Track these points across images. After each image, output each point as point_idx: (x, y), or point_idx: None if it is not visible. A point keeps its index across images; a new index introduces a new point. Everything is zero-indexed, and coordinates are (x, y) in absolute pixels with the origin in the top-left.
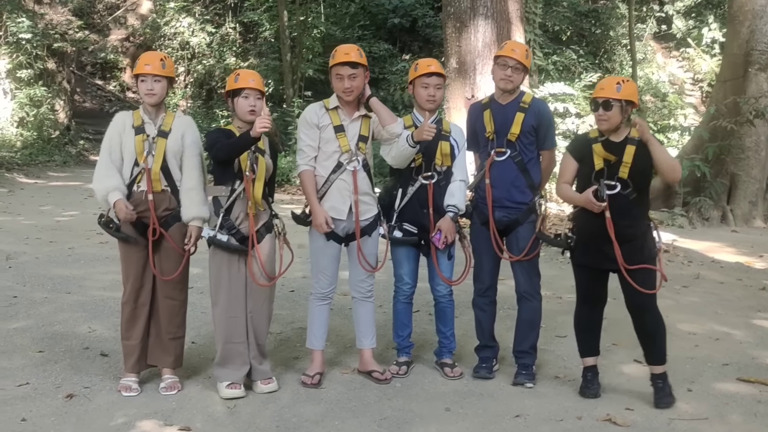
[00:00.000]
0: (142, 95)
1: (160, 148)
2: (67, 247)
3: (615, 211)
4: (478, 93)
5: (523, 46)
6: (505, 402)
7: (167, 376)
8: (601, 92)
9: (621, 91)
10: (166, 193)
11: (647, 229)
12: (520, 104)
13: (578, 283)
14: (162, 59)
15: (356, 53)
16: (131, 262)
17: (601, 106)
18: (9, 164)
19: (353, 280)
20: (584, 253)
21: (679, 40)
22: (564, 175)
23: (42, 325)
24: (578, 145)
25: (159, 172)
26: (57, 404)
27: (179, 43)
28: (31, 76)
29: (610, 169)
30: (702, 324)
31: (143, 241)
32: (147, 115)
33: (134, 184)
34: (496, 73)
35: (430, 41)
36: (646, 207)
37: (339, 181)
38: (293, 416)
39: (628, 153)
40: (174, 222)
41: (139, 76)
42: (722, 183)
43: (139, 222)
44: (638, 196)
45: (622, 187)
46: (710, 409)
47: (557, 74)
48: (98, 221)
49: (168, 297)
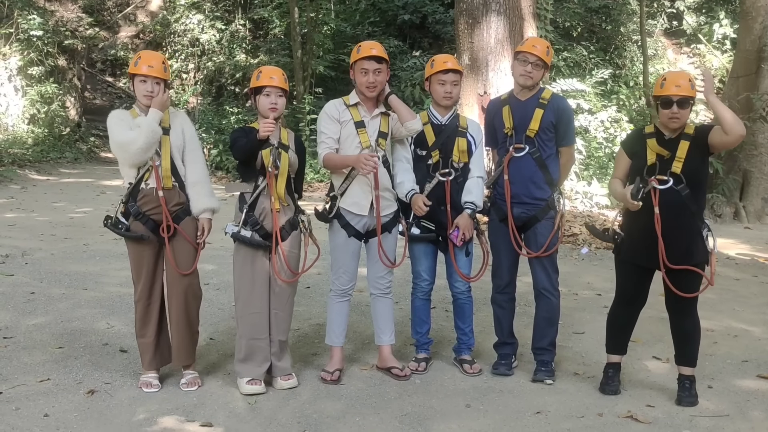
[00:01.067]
0: (140, 96)
1: (165, 145)
2: (82, 244)
3: (665, 208)
4: (490, 89)
5: (545, 43)
6: (525, 398)
7: (187, 371)
8: (678, 90)
9: (695, 88)
10: (175, 188)
11: (699, 230)
12: (540, 100)
13: (620, 281)
14: (164, 61)
15: (380, 48)
16: (143, 261)
17: (677, 104)
18: (21, 161)
19: (371, 276)
20: (630, 249)
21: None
22: (616, 171)
23: (61, 321)
24: (632, 141)
25: (169, 169)
26: (79, 400)
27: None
28: (42, 73)
29: (662, 164)
30: (720, 321)
31: (155, 238)
32: (143, 113)
33: (142, 181)
34: (516, 69)
35: (440, 38)
36: (700, 207)
37: (360, 177)
38: (314, 412)
39: (682, 148)
40: (185, 216)
41: (139, 76)
42: (735, 179)
43: (149, 220)
44: (692, 194)
45: (675, 182)
46: (731, 406)
47: (568, 70)
48: (104, 224)
49: (185, 292)
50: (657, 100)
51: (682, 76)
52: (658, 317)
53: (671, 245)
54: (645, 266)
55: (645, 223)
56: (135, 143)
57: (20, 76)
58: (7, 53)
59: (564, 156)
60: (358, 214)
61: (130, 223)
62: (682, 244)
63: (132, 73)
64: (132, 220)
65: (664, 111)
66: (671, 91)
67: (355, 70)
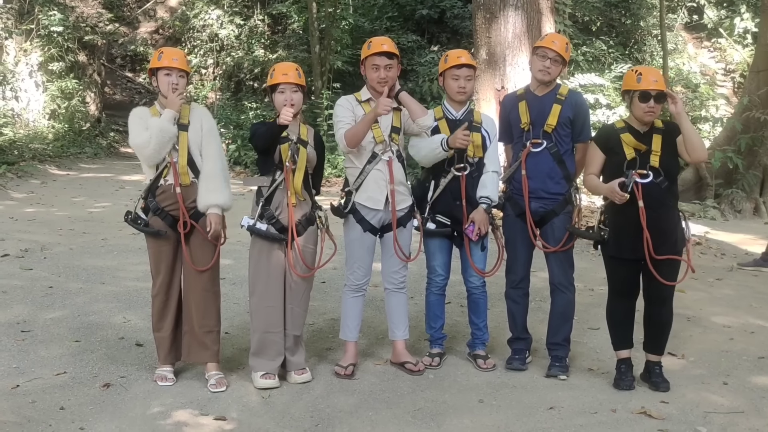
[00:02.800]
0: (165, 89)
1: (183, 142)
2: (100, 238)
3: (647, 201)
4: (507, 84)
5: (564, 39)
6: (539, 394)
7: (213, 372)
8: (655, 85)
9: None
10: (194, 185)
11: (678, 220)
12: (557, 96)
13: (610, 276)
14: (185, 56)
15: (391, 44)
16: (162, 256)
17: (654, 98)
18: (41, 156)
19: (386, 271)
20: (617, 244)
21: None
22: (591, 166)
23: (78, 315)
24: (605, 136)
25: (186, 165)
26: (94, 393)
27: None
28: (63, 68)
29: (641, 158)
30: (737, 317)
31: (173, 234)
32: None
33: (160, 178)
34: (534, 64)
35: (458, 32)
36: (675, 197)
37: (375, 172)
38: (327, 407)
39: (656, 142)
40: (203, 213)
41: (163, 69)
42: (755, 175)
43: (168, 216)
44: (668, 185)
45: (655, 175)
46: (746, 402)
47: (587, 65)
48: (125, 219)
49: (203, 289)
50: (633, 93)
51: (655, 72)
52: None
53: (655, 236)
54: (632, 258)
55: (628, 217)
56: (147, 146)
57: (41, 72)
58: (28, 49)
59: (580, 152)
60: (374, 209)
61: (149, 218)
62: (664, 234)
63: (155, 68)
64: (151, 215)
65: (641, 105)
66: (650, 86)
67: (366, 65)
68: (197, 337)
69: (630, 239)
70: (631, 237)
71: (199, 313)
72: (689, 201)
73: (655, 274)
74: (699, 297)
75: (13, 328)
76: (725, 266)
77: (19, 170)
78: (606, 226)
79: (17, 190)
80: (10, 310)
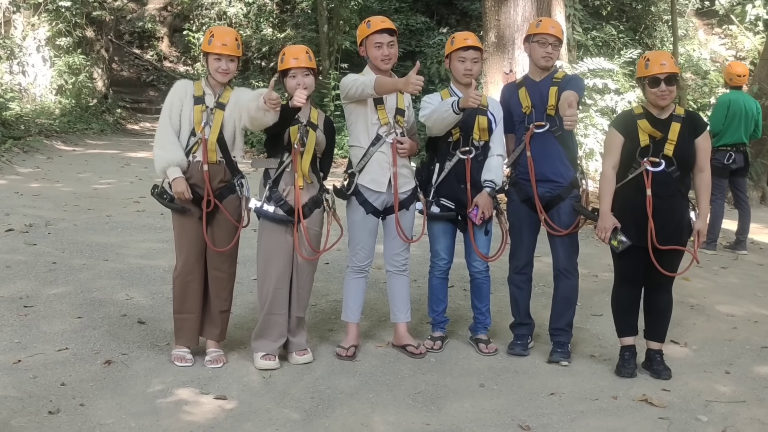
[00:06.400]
0: (214, 72)
1: (218, 120)
2: (104, 215)
3: (655, 190)
4: (516, 67)
5: (557, 22)
6: (540, 379)
7: (212, 349)
8: (663, 68)
9: (677, 65)
10: (222, 164)
11: (686, 210)
12: (553, 79)
13: (617, 262)
14: (237, 38)
15: (390, 21)
16: (185, 234)
17: (664, 81)
18: (48, 131)
19: (388, 253)
20: (624, 231)
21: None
22: (611, 155)
23: (80, 291)
24: (623, 121)
25: (215, 143)
26: (95, 370)
27: (216, 13)
28: (70, 44)
29: (655, 146)
30: (741, 306)
31: (198, 211)
32: (209, 87)
33: (190, 153)
34: (536, 51)
35: (467, 14)
36: (687, 187)
37: (378, 154)
38: (327, 388)
39: (673, 130)
40: (228, 194)
41: (213, 54)
42: (762, 163)
43: (195, 193)
44: (680, 175)
45: (667, 164)
46: (748, 391)
47: (596, 50)
48: (151, 192)
49: (217, 269)
50: (644, 80)
51: (664, 54)
52: (677, 301)
53: (661, 226)
54: (637, 245)
55: (636, 204)
56: (156, 163)
57: (48, 47)
58: (36, 24)
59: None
60: (376, 191)
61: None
62: (671, 224)
63: (206, 51)
64: None
65: (653, 90)
66: (657, 70)
67: (367, 45)
68: (211, 314)
69: (636, 226)
70: (637, 224)
71: (214, 292)
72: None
73: (655, 262)
74: (704, 285)
75: (16, 303)
76: (731, 255)
77: (26, 145)
78: (612, 211)
79: (23, 165)
80: (14, 285)
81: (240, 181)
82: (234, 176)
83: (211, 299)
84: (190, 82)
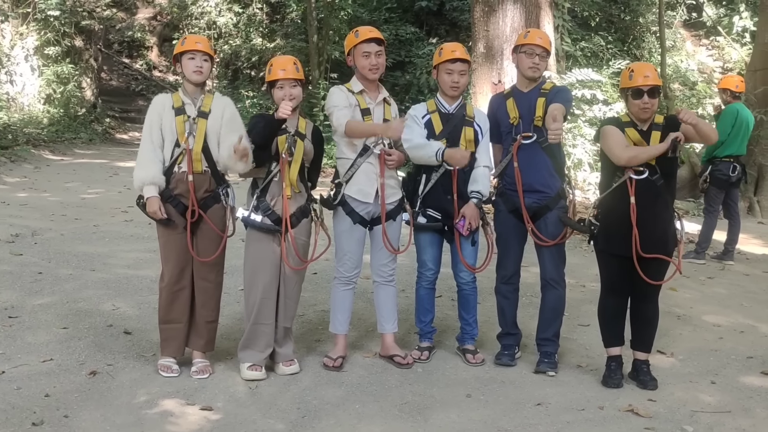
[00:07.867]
0: (189, 73)
1: (201, 129)
2: (92, 225)
3: (640, 198)
4: (505, 78)
5: (545, 33)
6: (527, 390)
7: (198, 360)
8: (647, 80)
9: (663, 77)
10: (207, 174)
11: (671, 219)
12: (541, 90)
13: (602, 271)
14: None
15: (378, 32)
16: (171, 244)
17: (647, 93)
18: (36, 141)
19: (375, 264)
20: (608, 240)
21: (709, 28)
22: (621, 142)
23: (66, 301)
24: (615, 123)
25: (200, 152)
26: (80, 381)
27: (206, 22)
28: (59, 53)
29: None
30: (727, 316)
31: (183, 222)
32: (187, 96)
33: (175, 164)
34: (523, 62)
35: (457, 25)
36: (672, 195)
37: (366, 165)
38: (314, 398)
39: (654, 139)
40: (213, 203)
41: (187, 53)
42: (750, 174)
43: (179, 203)
44: (665, 183)
45: (650, 172)
46: (734, 402)
47: (585, 60)
48: (137, 203)
49: (203, 279)
50: (627, 91)
51: (648, 67)
52: (663, 311)
53: (646, 234)
54: (622, 255)
55: (621, 213)
56: (134, 181)
57: (37, 56)
58: (24, 33)
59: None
60: (363, 202)
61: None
62: (656, 233)
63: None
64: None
65: (635, 102)
66: (641, 82)
67: (354, 55)
68: (196, 326)
69: (621, 235)
70: (621, 233)
71: (200, 302)
72: (684, 199)
73: (639, 272)
74: (690, 295)
75: (1, 313)
76: (718, 265)
77: (13, 155)
78: (598, 220)
79: (10, 174)
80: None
81: (225, 191)
82: (219, 185)
83: (197, 309)
84: (168, 95)
